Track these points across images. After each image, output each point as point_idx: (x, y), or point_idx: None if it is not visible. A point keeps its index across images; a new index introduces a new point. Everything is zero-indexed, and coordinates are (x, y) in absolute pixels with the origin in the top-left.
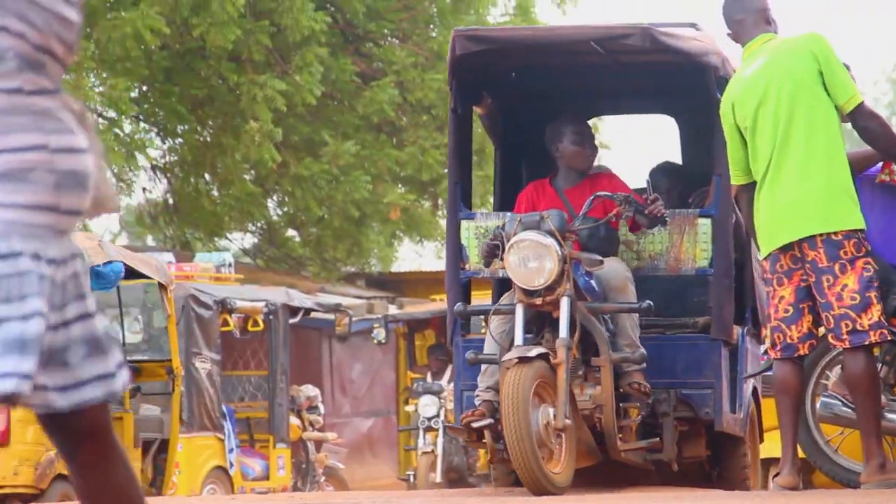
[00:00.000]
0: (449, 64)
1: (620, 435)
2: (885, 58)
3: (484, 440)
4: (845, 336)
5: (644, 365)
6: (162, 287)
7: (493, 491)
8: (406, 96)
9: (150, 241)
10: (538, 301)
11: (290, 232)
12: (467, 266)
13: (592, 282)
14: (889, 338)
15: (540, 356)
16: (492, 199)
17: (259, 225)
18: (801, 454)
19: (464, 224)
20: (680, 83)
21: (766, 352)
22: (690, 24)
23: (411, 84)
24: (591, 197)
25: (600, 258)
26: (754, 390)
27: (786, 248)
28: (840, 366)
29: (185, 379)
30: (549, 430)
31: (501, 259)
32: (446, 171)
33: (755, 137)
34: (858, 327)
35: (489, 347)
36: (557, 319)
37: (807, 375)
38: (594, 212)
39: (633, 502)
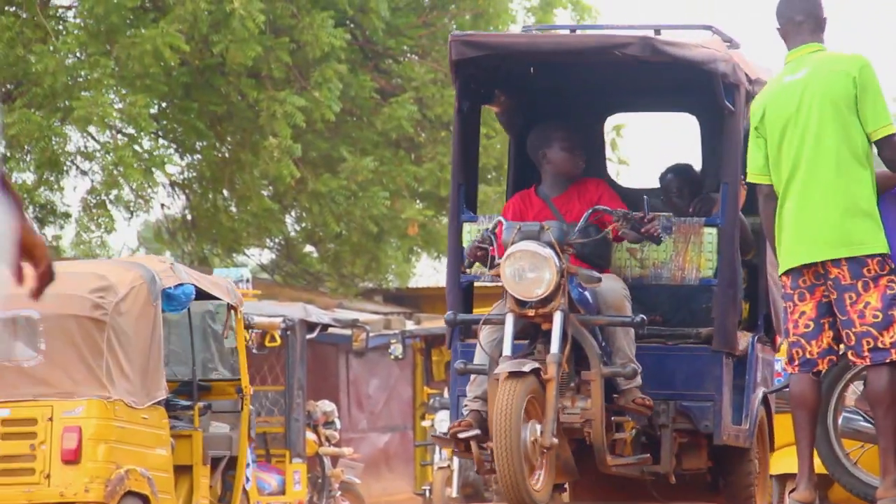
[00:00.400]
0: (450, 66)
1: (613, 449)
2: None
3: (471, 451)
4: (866, 353)
5: (638, 380)
6: (231, 308)
7: None
8: (425, 112)
9: (167, 256)
10: (530, 312)
11: (308, 248)
12: (468, 269)
13: (587, 294)
14: None
15: (533, 370)
16: None
17: (277, 241)
18: (818, 469)
19: (466, 227)
20: (700, 81)
21: (783, 368)
22: (706, 27)
23: (430, 100)
24: (590, 210)
25: (599, 276)
26: (765, 398)
27: (809, 265)
28: (863, 381)
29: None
30: (536, 447)
31: (491, 267)
32: None
33: (781, 149)
34: (880, 345)
35: (479, 357)
36: (548, 331)
37: (829, 390)
38: (578, 217)
39: None
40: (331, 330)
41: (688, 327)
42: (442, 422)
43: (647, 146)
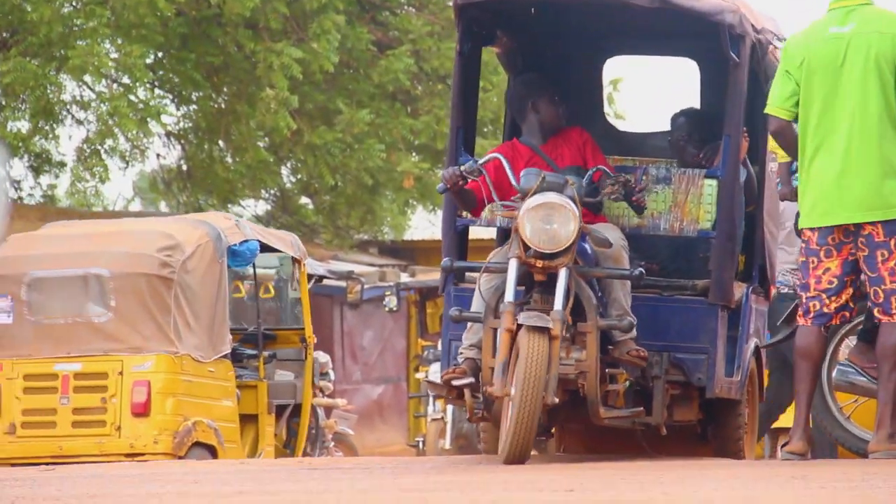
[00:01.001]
0: (453, 8)
1: (606, 400)
2: None
3: (464, 398)
4: (895, 311)
5: (633, 332)
6: (296, 261)
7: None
8: (421, 65)
9: (163, 207)
10: (538, 263)
11: (304, 199)
12: (464, 213)
13: (586, 245)
14: None
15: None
16: None
17: (272, 192)
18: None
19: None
20: (704, 26)
21: (794, 318)
22: None
23: (427, 53)
24: (594, 169)
25: (609, 241)
26: (756, 349)
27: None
28: (857, 336)
29: None
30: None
31: (488, 202)
32: None
33: (816, 101)
34: None
35: (476, 304)
36: (544, 282)
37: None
38: (571, 162)
39: (655, 472)
40: (325, 281)
41: (685, 277)
42: (435, 374)
43: (645, 97)
